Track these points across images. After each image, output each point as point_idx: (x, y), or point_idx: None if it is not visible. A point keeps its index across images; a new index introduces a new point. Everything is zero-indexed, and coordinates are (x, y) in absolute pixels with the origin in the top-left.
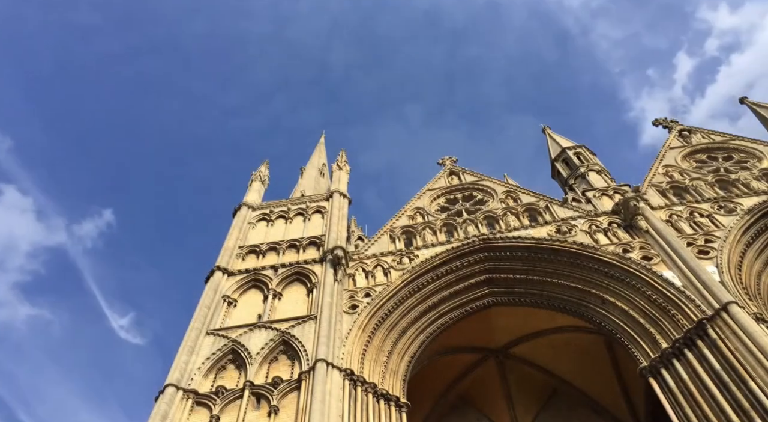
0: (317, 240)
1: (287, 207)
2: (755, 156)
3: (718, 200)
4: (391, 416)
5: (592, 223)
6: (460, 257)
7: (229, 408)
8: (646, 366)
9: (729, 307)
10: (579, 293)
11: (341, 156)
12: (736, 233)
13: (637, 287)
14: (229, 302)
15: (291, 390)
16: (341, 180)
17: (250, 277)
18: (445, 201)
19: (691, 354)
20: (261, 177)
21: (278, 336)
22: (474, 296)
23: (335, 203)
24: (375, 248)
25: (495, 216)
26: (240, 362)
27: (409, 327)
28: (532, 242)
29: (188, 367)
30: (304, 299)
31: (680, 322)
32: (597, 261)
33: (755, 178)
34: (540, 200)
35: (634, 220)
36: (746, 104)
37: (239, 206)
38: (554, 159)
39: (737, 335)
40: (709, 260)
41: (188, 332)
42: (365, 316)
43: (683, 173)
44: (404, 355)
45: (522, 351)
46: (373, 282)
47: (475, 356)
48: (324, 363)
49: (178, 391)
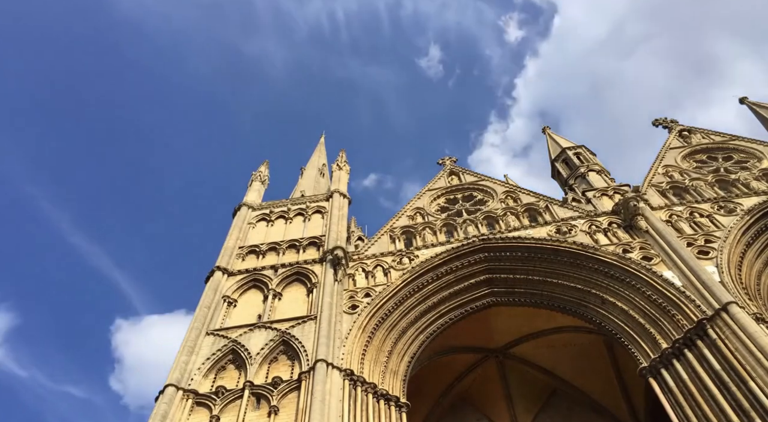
0: (317, 240)
1: (287, 207)
2: (755, 156)
3: (718, 200)
4: (391, 416)
5: (592, 223)
6: (460, 258)
7: (229, 408)
8: (646, 366)
9: (729, 307)
10: (579, 293)
11: (341, 156)
12: (736, 233)
13: (637, 288)
14: (229, 302)
15: (291, 390)
16: (341, 180)
17: (250, 277)
18: (445, 201)
19: (691, 354)
20: (261, 177)
21: (278, 336)
22: (474, 297)
23: (335, 203)
24: (375, 248)
25: (495, 216)
26: (240, 362)
27: (409, 327)
28: (532, 243)
29: (188, 367)
30: (304, 299)
31: (680, 322)
32: (597, 261)
33: (755, 178)
34: (540, 201)
35: (634, 220)
36: (746, 104)
37: (239, 206)
38: (554, 159)
39: (737, 335)
40: (709, 261)
41: (188, 332)
42: (365, 316)
43: (683, 173)
44: (404, 355)
45: (522, 351)
46: (373, 282)
47: (475, 356)
48: (324, 363)
49: (178, 391)
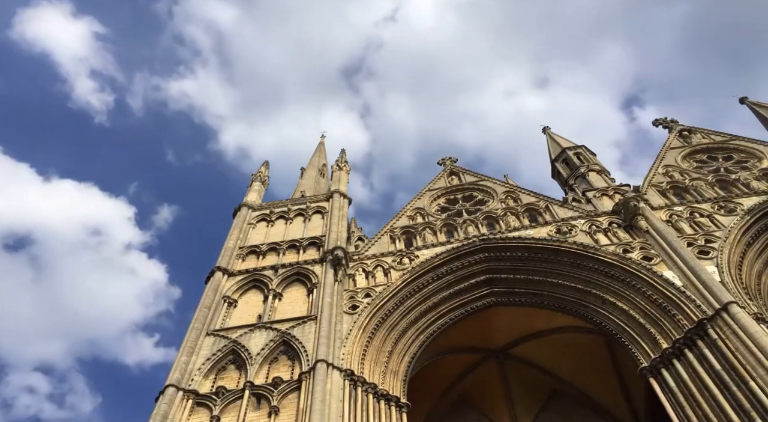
0: (317, 240)
1: (287, 208)
2: (755, 156)
3: (718, 200)
4: (392, 416)
5: (592, 223)
6: (461, 258)
7: (229, 408)
8: (647, 366)
9: (729, 307)
10: (579, 293)
11: (341, 156)
12: (737, 233)
13: (638, 288)
14: (229, 302)
15: (291, 390)
16: (341, 180)
17: (250, 277)
18: (446, 201)
19: (691, 354)
20: (261, 178)
21: (278, 337)
22: (474, 297)
23: (335, 204)
24: (375, 248)
25: (495, 216)
26: (240, 362)
27: (409, 327)
28: (533, 243)
29: (188, 368)
30: (305, 299)
31: (680, 322)
32: (597, 261)
33: (755, 178)
34: (540, 201)
35: (635, 220)
36: (746, 104)
37: (239, 206)
38: (554, 159)
39: (737, 335)
40: (709, 261)
41: (188, 332)
42: (365, 316)
43: (683, 173)
44: (404, 355)
45: (522, 351)
46: (373, 283)
47: (475, 356)
48: (324, 364)
49: (178, 392)
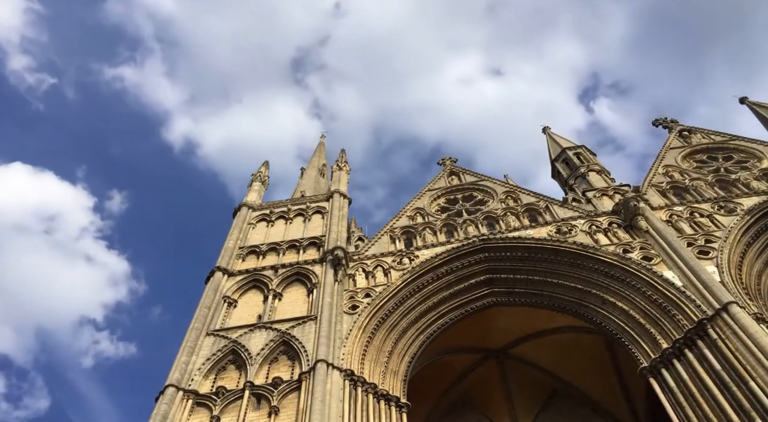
0: (317, 241)
1: (287, 208)
2: (755, 156)
3: (718, 200)
4: (392, 416)
5: (592, 223)
6: (461, 258)
7: (229, 408)
8: (647, 366)
9: (729, 307)
10: (579, 293)
11: (341, 156)
12: (737, 233)
13: (638, 288)
14: (229, 302)
15: (291, 390)
16: (341, 180)
17: (250, 277)
18: (445, 201)
19: (691, 354)
20: (261, 178)
21: (278, 337)
22: (474, 297)
23: (335, 204)
24: (375, 248)
25: (495, 216)
26: (240, 362)
27: (409, 327)
28: (533, 243)
29: (188, 368)
30: (305, 299)
31: (680, 322)
32: (597, 261)
33: (755, 178)
34: (540, 201)
35: (635, 220)
36: (746, 104)
37: (239, 206)
38: (554, 159)
39: (737, 335)
40: (709, 261)
41: (188, 332)
42: (365, 316)
43: (683, 173)
44: (404, 355)
45: (522, 351)
46: (373, 283)
47: (475, 356)
48: (324, 364)
49: (178, 392)
